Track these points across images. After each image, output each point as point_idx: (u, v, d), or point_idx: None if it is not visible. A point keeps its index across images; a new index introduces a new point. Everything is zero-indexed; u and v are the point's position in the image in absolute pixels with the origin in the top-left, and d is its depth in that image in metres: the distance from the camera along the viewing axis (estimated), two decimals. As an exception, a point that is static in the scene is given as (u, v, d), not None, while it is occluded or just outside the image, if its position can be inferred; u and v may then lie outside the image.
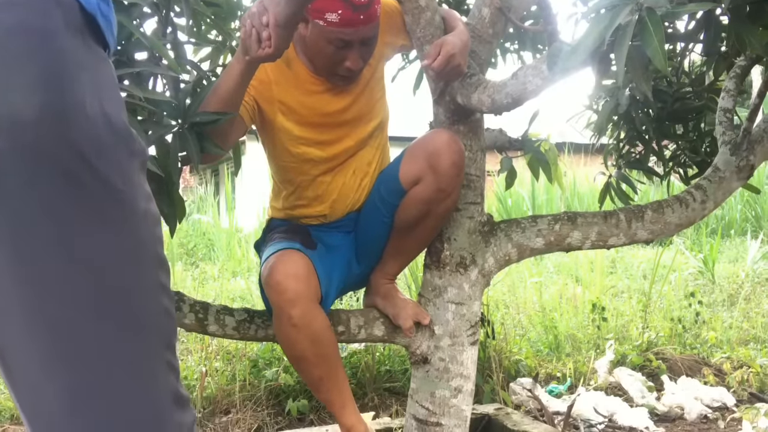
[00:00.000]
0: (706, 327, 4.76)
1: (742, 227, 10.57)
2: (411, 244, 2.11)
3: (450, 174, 1.91)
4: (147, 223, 0.79)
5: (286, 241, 1.92)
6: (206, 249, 8.77)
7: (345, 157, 2.07)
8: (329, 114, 2.00)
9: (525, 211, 10.89)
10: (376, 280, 2.16)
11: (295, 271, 1.74)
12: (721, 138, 2.54)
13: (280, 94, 1.95)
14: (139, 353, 0.77)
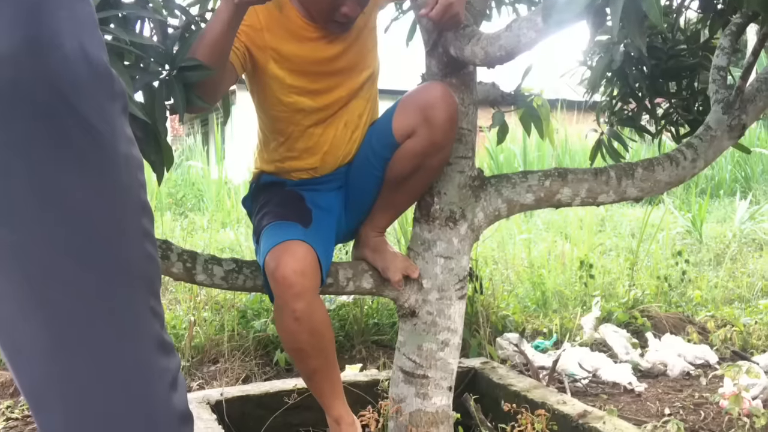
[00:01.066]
0: (692, 286, 4.80)
1: (731, 187, 10.61)
2: (402, 197, 2.10)
3: (444, 128, 1.90)
4: (129, 168, 0.77)
5: (283, 221, 1.89)
6: (195, 199, 8.74)
7: (336, 107, 2.04)
8: (322, 62, 1.97)
9: (516, 168, 10.88)
10: (366, 232, 2.15)
11: (302, 268, 1.73)
12: (713, 96, 2.53)
13: (272, 41, 1.91)
14: (120, 298, 0.76)
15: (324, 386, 1.94)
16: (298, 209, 1.99)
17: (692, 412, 2.83)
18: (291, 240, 1.78)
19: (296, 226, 1.87)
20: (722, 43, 2.57)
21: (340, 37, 1.97)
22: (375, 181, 2.06)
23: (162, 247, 1.96)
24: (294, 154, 2.08)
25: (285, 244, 1.77)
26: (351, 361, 3.44)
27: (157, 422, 0.79)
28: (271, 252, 1.77)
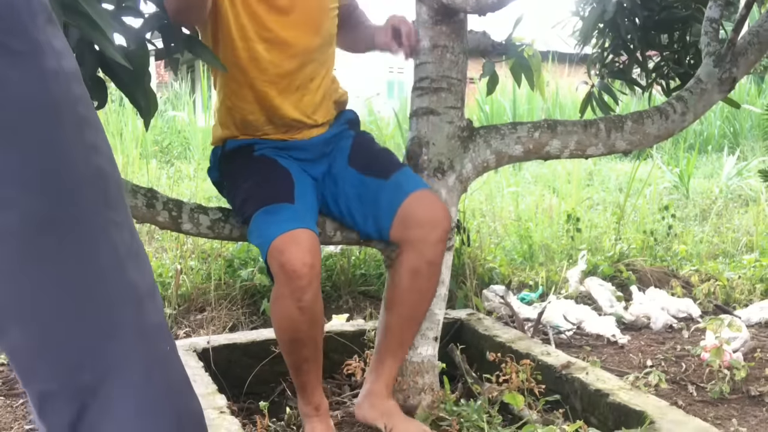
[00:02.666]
0: (678, 240, 4.83)
1: (719, 143, 10.63)
2: (402, 323, 2.03)
3: (436, 250, 1.93)
4: (60, 81, 0.73)
5: (272, 204, 1.83)
6: (181, 147, 8.66)
7: (290, 67, 1.97)
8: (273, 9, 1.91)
9: (506, 120, 10.84)
10: (374, 391, 2.04)
11: (311, 259, 1.71)
12: (705, 49, 2.51)
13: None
14: (70, 214, 0.74)
15: (311, 374, 1.92)
16: (279, 181, 1.92)
17: (674, 364, 2.87)
18: (293, 230, 1.74)
19: (286, 207, 1.82)
20: (716, -6, 2.54)
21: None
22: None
23: (147, 196, 1.95)
24: (246, 106, 2.01)
25: (289, 235, 1.73)
26: (338, 312, 3.46)
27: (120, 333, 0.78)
28: (275, 243, 1.73)
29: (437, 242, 1.91)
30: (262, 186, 1.91)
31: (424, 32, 2.17)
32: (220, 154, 2.11)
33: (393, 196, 1.94)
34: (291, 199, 1.85)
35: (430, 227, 1.90)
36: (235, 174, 2.02)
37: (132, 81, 1.56)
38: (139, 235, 0.83)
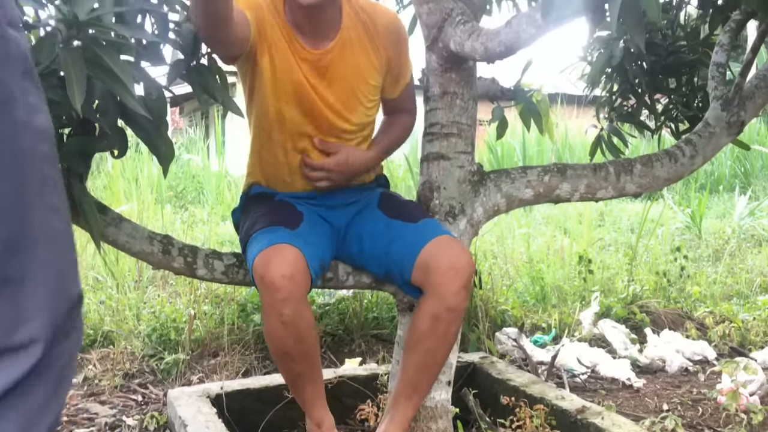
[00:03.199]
0: (691, 281, 4.81)
1: (731, 183, 10.62)
2: (420, 367, 2.00)
3: (458, 297, 1.90)
4: (29, 136, 0.73)
5: (271, 226, 1.86)
6: (195, 192, 8.74)
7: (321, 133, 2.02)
8: (305, 81, 1.96)
9: (516, 162, 10.88)
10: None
11: (291, 272, 1.71)
12: (712, 93, 2.53)
13: (272, 35, 1.90)
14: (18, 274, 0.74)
15: (307, 390, 1.94)
16: (287, 214, 1.96)
17: (690, 408, 2.85)
18: (279, 244, 1.76)
19: (283, 230, 1.85)
20: (721, 39, 2.57)
21: (330, 68, 1.97)
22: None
23: (163, 242, 1.98)
24: (274, 161, 2.07)
25: (273, 248, 1.75)
26: (350, 355, 3.46)
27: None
28: (259, 256, 1.75)
29: (459, 290, 1.89)
30: (269, 215, 1.96)
31: (434, 79, 2.21)
32: (244, 199, 2.17)
33: (416, 239, 1.94)
34: (292, 227, 1.88)
35: (453, 274, 1.88)
36: (251, 211, 2.07)
37: (151, 129, 1.60)
38: None
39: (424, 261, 1.91)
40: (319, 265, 1.89)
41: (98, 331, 3.52)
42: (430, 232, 1.95)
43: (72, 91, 1.23)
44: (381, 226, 2.02)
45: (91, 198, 1.78)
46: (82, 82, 1.23)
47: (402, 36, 2.09)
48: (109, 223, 1.91)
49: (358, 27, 2.01)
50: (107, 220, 1.91)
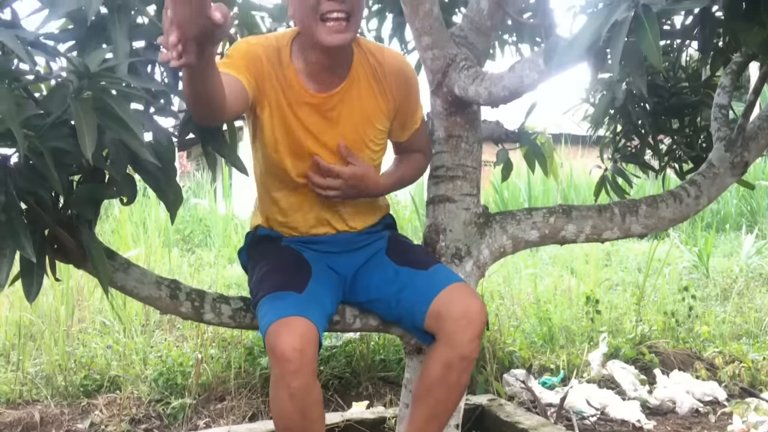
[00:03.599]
0: (700, 321, 4.79)
1: (737, 221, 10.60)
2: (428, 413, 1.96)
3: (471, 346, 1.87)
4: None
5: (279, 291, 1.84)
6: (203, 235, 8.77)
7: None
8: (309, 130, 1.94)
9: (521, 202, 10.90)
10: None
11: (301, 345, 1.69)
12: (716, 134, 2.55)
13: (271, 90, 1.90)
14: None
15: None
16: (294, 270, 1.94)
17: (701, 450, 2.82)
18: (289, 316, 1.74)
19: (292, 296, 1.82)
20: (723, 81, 2.60)
21: (334, 111, 1.95)
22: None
23: (171, 287, 1.98)
24: (277, 210, 2.06)
25: (284, 321, 1.73)
26: (358, 398, 3.44)
27: None
28: (270, 328, 1.73)
29: (472, 339, 1.86)
30: (277, 272, 1.93)
31: (439, 123, 2.23)
32: (251, 239, 2.15)
33: (428, 287, 1.91)
34: (300, 289, 1.85)
35: (466, 322, 1.85)
36: (258, 258, 2.05)
37: (160, 176, 1.62)
38: None
39: (437, 309, 1.88)
40: (327, 321, 1.88)
41: (105, 376, 3.51)
42: (443, 279, 1.93)
43: (83, 141, 1.26)
44: (390, 274, 1.99)
45: (99, 244, 1.79)
46: (93, 132, 1.26)
47: (411, 80, 2.06)
48: (118, 269, 1.93)
49: (366, 70, 1.99)
50: (115, 266, 1.92)
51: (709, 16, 1.70)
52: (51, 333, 3.84)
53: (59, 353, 3.64)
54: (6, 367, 3.62)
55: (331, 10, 1.77)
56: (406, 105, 2.06)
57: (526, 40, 3.12)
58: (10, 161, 1.50)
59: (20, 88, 1.40)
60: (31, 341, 3.88)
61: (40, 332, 3.91)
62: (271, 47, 1.90)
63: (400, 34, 3.20)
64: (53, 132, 1.38)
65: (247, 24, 2.02)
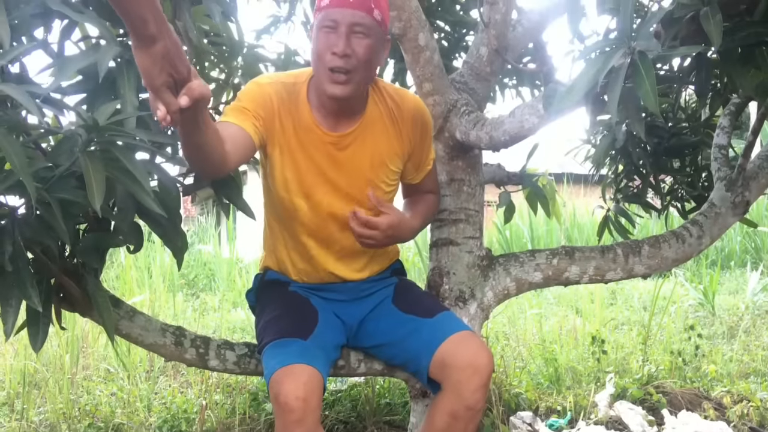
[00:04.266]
0: (706, 360, 4.75)
1: (742, 259, 10.57)
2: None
3: (476, 396, 1.85)
4: None
5: (284, 338, 1.84)
6: (207, 279, 8.77)
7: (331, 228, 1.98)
8: (322, 164, 1.93)
9: (524, 242, 10.89)
10: None
11: (304, 394, 1.69)
12: (716, 174, 2.58)
13: (281, 128, 1.90)
14: None
15: None
16: (301, 316, 1.94)
17: (712, 492, 2.78)
18: (293, 364, 1.74)
19: (297, 343, 1.82)
20: (722, 122, 2.64)
21: (347, 150, 1.94)
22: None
23: (176, 334, 1.99)
24: (286, 255, 2.05)
25: (287, 369, 1.73)
26: (363, 443, 3.41)
27: None
28: (274, 376, 1.74)
29: (478, 388, 1.83)
30: (283, 318, 1.92)
31: (441, 167, 2.26)
32: (259, 281, 2.14)
33: (434, 334, 1.90)
34: (305, 336, 1.84)
35: (472, 372, 1.82)
36: (265, 303, 2.04)
37: (167, 224, 1.64)
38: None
39: (441, 358, 1.86)
40: (331, 366, 1.88)
41: (109, 423, 3.49)
42: (448, 327, 1.91)
43: (92, 193, 1.28)
44: (395, 322, 1.98)
45: (105, 292, 1.80)
46: (101, 184, 1.28)
47: (427, 124, 2.04)
48: (123, 317, 1.94)
49: (383, 111, 1.98)
50: (121, 314, 1.93)
51: (705, 60, 1.73)
52: (55, 381, 3.83)
53: (63, 401, 3.63)
54: (10, 416, 3.60)
55: (335, 66, 1.79)
56: (420, 148, 2.04)
57: (526, 84, 3.17)
58: (18, 212, 1.52)
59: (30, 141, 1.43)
60: (36, 389, 3.86)
61: (44, 380, 3.90)
62: (283, 85, 1.90)
63: (401, 80, 3.25)
64: (61, 183, 1.41)
65: (251, 74, 2.04)
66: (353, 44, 1.79)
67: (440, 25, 3.23)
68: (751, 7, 1.61)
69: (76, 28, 1.66)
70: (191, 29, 1.65)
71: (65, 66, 1.45)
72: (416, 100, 2.04)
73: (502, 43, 2.24)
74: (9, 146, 1.25)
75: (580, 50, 1.77)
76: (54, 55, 1.60)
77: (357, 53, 1.79)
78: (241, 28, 2.02)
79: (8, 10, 1.42)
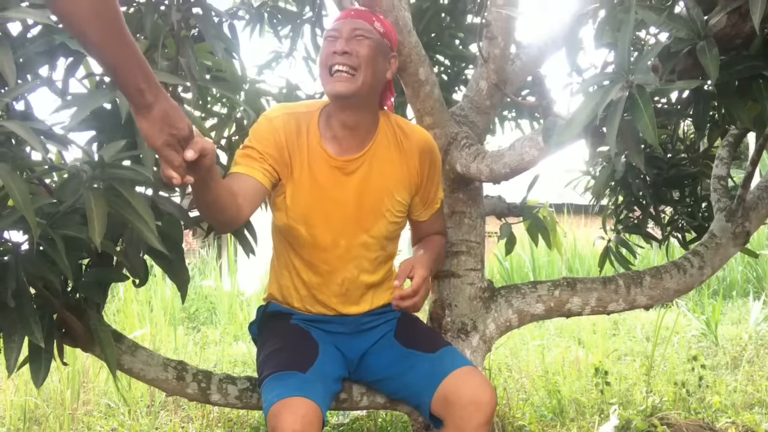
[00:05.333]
0: (711, 391, 4.72)
1: (743, 288, 10.54)
2: None
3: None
4: None
5: (283, 371, 1.83)
6: (208, 313, 8.73)
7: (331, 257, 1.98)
8: (327, 191, 1.94)
9: (526, 272, 10.87)
10: None
11: (302, 427, 1.68)
12: (716, 205, 2.59)
13: (290, 159, 1.91)
14: None
15: None
16: (301, 349, 1.93)
17: None
18: (291, 397, 1.73)
19: (295, 376, 1.81)
20: (721, 153, 2.65)
21: (354, 175, 1.95)
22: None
23: (177, 369, 1.99)
24: (290, 282, 2.04)
25: (285, 402, 1.72)
26: (366, 478, 3.38)
27: None
28: (272, 409, 1.73)
29: (481, 425, 1.81)
30: (283, 352, 1.91)
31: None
32: (261, 313, 2.13)
33: (436, 370, 1.88)
34: (304, 369, 1.83)
35: (474, 408, 1.80)
36: (267, 336, 2.03)
37: (171, 259, 1.65)
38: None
39: (444, 394, 1.84)
40: (332, 399, 1.87)
41: (110, 459, 3.47)
42: (449, 363, 1.89)
43: (93, 228, 1.29)
44: (397, 356, 1.97)
45: (107, 327, 1.80)
46: (102, 220, 1.29)
47: (435, 159, 2.04)
48: (125, 352, 1.93)
49: (390, 141, 1.99)
50: (123, 349, 1.93)
51: (703, 93, 1.75)
52: (56, 417, 3.80)
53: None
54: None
55: (335, 63, 1.83)
56: (428, 183, 2.04)
57: (526, 116, 3.19)
58: (21, 248, 1.53)
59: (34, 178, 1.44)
60: (36, 425, 3.84)
61: (45, 416, 3.87)
62: (294, 115, 1.93)
63: (401, 113, 3.27)
64: (65, 219, 1.42)
65: (254, 108, 2.07)
66: (354, 45, 1.84)
67: (440, 59, 3.27)
68: (746, 42, 1.63)
69: (80, 66, 1.69)
70: (194, 66, 1.67)
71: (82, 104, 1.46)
72: (425, 134, 2.05)
73: (502, 77, 2.26)
74: (12, 183, 1.27)
75: (578, 82, 1.79)
76: (59, 92, 1.62)
77: (358, 51, 1.84)
78: (243, 63, 2.05)
79: (14, 48, 1.44)
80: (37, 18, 1.48)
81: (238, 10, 3.03)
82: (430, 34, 3.16)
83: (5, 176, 1.25)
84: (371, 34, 1.86)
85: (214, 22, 1.74)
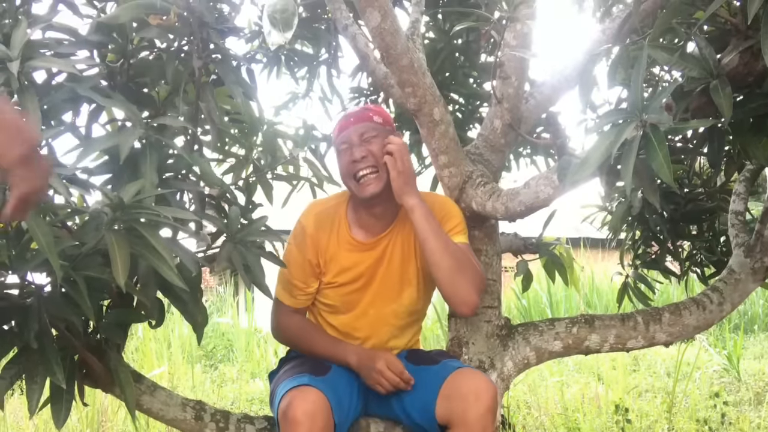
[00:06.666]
0: (734, 428, 4.65)
1: (765, 322, 10.41)
2: None
3: (483, 422, 1.86)
4: None
5: (298, 375, 1.93)
6: (225, 350, 8.72)
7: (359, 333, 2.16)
8: (355, 270, 2.10)
9: (543, 308, 10.79)
10: None
11: (312, 410, 1.76)
12: (734, 240, 2.57)
13: (327, 254, 2.09)
14: None
15: None
16: (316, 364, 2.03)
17: None
18: (302, 385, 1.83)
19: (309, 376, 1.91)
20: (737, 189, 2.64)
21: (380, 255, 2.10)
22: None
23: (196, 408, 1.99)
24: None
25: (297, 389, 1.82)
26: None
27: None
28: (284, 398, 1.81)
29: (484, 413, 1.83)
30: (298, 366, 2.02)
31: (459, 238, 2.27)
32: (283, 360, 2.24)
33: (438, 374, 1.97)
34: (318, 374, 1.94)
35: (474, 398, 1.84)
36: (283, 366, 2.14)
37: (189, 300, 1.66)
38: None
39: (446, 392, 1.91)
40: (345, 413, 1.92)
41: (128, 500, 3.45)
42: (450, 367, 1.98)
43: (116, 270, 1.31)
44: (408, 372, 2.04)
45: (127, 368, 1.82)
46: (126, 262, 1.31)
47: (451, 212, 2.12)
48: (144, 392, 1.94)
49: None
50: (142, 389, 1.94)
51: (717, 131, 1.75)
52: (74, 456, 3.80)
53: (82, 477, 3.60)
54: (28, 493, 3.57)
55: (359, 170, 2.00)
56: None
57: (540, 153, 3.20)
58: (44, 290, 1.55)
59: (58, 221, 1.47)
60: (55, 465, 3.84)
61: (63, 455, 3.87)
62: (325, 212, 2.13)
63: (417, 151, 3.30)
64: (87, 261, 1.44)
65: (270, 150, 2.10)
66: (366, 147, 2.01)
67: (454, 97, 3.30)
68: (759, 80, 1.64)
69: (103, 112, 1.73)
70: (215, 111, 1.71)
71: (90, 146, 1.50)
72: (449, 202, 2.16)
73: (516, 116, 2.28)
74: (37, 227, 1.30)
75: (592, 119, 1.80)
76: (81, 137, 1.65)
77: (373, 151, 2.01)
78: (260, 105, 2.09)
79: (39, 96, 1.48)
80: (61, 67, 1.52)
81: (255, 54, 3.09)
82: (444, 73, 3.19)
83: (30, 221, 1.28)
84: (376, 131, 2.04)
85: (233, 66, 1.78)
